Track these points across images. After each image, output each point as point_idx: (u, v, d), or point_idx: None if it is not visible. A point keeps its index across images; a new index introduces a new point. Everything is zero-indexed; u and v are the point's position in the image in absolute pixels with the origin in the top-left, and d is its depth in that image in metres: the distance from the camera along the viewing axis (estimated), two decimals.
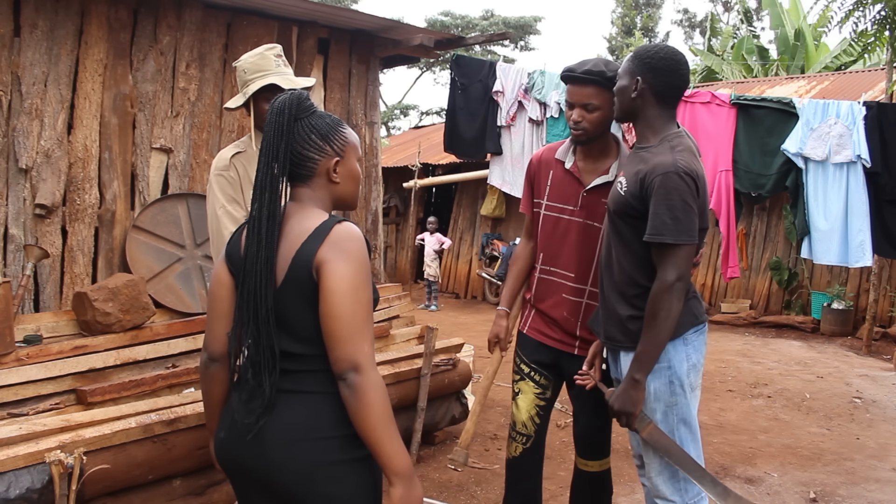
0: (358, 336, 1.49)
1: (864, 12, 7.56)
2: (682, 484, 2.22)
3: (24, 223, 4.01)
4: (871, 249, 5.21)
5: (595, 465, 2.71)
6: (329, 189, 1.66)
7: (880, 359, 7.60)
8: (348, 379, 1.48)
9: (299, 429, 1.53)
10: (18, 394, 3.22)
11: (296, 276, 1.53)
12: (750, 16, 18.94)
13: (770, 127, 5.44)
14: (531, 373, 2.72)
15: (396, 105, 24.30)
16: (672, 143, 2.18)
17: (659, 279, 2.11)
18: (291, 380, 1.55)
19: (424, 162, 12.02)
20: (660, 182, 2.08)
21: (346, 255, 1.52)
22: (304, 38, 5.09)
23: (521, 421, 2.74)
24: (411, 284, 12.56)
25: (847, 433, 4.88)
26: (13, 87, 3.97)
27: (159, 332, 3.84)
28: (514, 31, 22.05)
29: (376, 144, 5.71)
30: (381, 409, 1.48)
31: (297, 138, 1.60)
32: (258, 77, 2.50)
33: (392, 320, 5.03)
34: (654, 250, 2.14)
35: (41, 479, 2.35)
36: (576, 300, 2.62)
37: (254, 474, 1.58)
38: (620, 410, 2.17)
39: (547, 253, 2.67)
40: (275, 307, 1.54)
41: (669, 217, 2.07)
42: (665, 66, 2.19)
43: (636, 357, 2.14)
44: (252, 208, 1.59)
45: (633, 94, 2.21)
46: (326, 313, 1.50)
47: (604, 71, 2.43)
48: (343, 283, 1.50)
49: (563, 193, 2.62)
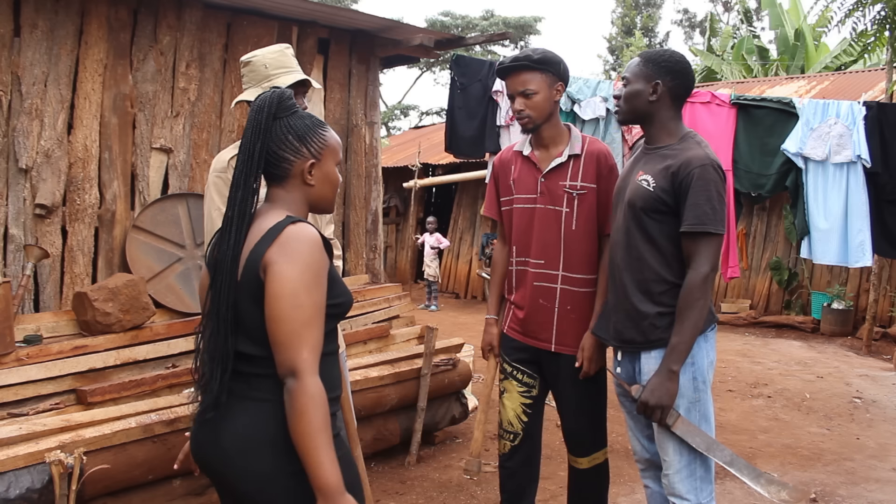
0: (296, 341, 1.46)
1: (863, 13, 7.56)
2: (698, 483, 2.23)
3: (24, 223, 4.01)
4: (872, 249, 5.21)
5: (584, 462, 2.72)
6: (303, 191, 1.63)
7: (880, 359, 7.60)
8: (286, 384, 1.46)
9: (254, 437, 1.52)
10: (18, 394, 3.23)
11: (247, 276, 1.52)
12: (750, 16, 18.94)
13: (770, 127, 5.45)
14: (514, 371, 2.77)
15: (396, 105, 24.30)
16: (696, 140, 2.27)
17: (694, 270, 2.15)
18: (248, 384, 1.54)
19: (424, 162, 12.02)
20: (698, 174, 2.13)
21: (292, 257, 1.49)
22: (304, 38, 5.09)
23: (508, 419, 2.79)
24: (411, 284, 12.56)
25: (847, 433, 4.88)
26: (13, 87, 3.97)
27: (159, 332, 3.84)
28: (514, 31, 22.04)
29: (376, 144, 5.70)
30: (312, 418, 1.43)
31: (273, 138, 1.58)
32: (283, 73, 2.49)
33: (392, 320, 5.03)
34: (687, 242, 2.17)
35: (41, 479, 2.35)
36: (550, 286, 2.65)
37: (219, 477, 1.60)
38: (657, 404, 2.16)
39: (519, 245, 2.73)
40: (233, 306, 1.53)
41: (709, 207, 2.12)
42: (681, 69, 2.28)
43: (672, 349, 2.15)
44: (227, 207, 1.57)
45: (652, 98, 2.26)
46: (268, 316, 1.48)
47: (530, 55, 2.56)
48: (285, 286, 1.47)
49: (527, 184, 2.70)
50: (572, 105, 5.79)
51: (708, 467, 2.26)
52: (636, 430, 2.48)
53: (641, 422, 2.44)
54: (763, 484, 2.26)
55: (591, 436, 2.72)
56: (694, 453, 2.22)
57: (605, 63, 25.90)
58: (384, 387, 3.75)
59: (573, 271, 2.63)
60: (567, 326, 2.64)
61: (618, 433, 4.61)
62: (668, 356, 2.15)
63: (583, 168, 2.61)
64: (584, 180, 2.61)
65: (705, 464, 2.25)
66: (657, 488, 2.48)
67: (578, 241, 2.62)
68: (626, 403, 2.48)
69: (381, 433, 3.78)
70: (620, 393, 2.49)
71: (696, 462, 2.23)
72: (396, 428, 3.85)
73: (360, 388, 3.56)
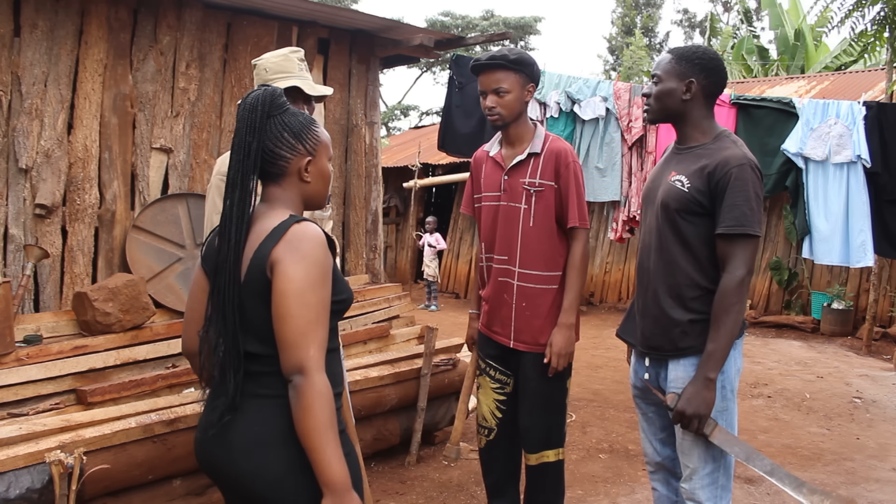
0: (304, 339, 1.46)
1: (863, 13, 7.55)
2: (719, 491, 2.18)
3: (24, 223, 4.01)
4: (873, 249, 5.21)
5: (532, 459, 2.78)
6: (300, 188, 1.64)
7: (880, 359, 7.59)
8: (293, 381, 1.46)
9: (266, 435, 1.52)
10: (18, 394, 3.23)
11: (253, 275, 1.52)
12: (750, 16, 18.94)
13: (770, 127, 5.45)
14: (487, 368, 2.86)
15: (396, 105, 24.28)
16: (732, 139, 2.18)
17: (730, 273, 2.07)
18: (256, 382, 1.54)
19: (424, 162, 12.01)
20: (736, 174, 2.06)
21: (299, 256, 1.50)
22: (304, 38, 5.09)
23: (482, 415, 2.88)
24: (411, 284, 12.56)
25: (847, 433, 4.88)
26: (13, 87, 3.97)
27: (159, 332, 3.84)
28: (514, 31, 22.04)
29: (376, 144, 5.70)
30: (320, 415, 1.44)
31: (269, 136, 1.58)
32: (281, 78, 2.51)
33: (392, 320, 5.03)
34: (723, 244, 2.09)
35: (41, 479, 2.35)
36: (509, 282, 2.73)
37: (226, 478, 1.58)
38: (694, 414, 2.07)
39: (486, 241, 2.82)
40: (239, 306, 1.53)
41: (748, 208, 2.05)
42: (714, 66, 2.20)
43: (708, 356, 2.06)
44: (224, 206, 1.56)
45: (686, 96, 2.19)
46: (275, 314, 1.48)
47: (507, 55, 2.62)
48: (292, 284, 1.48)
49: (492, 182, 2.78)
50: (572, 105, 5.78)
51: (728, 476, 2.21)
52: (650, 434, 2.42)
53: (656, 425, 2.39)
54: (805, 494, 2.16)
55: (543, 434, 2.76)
56: (718, 461, 2.17)
57: (605, 63, 25.90)
58: (384, 387, 3.74)
59: (529, 268, 2.69)
60: (523, 323, 2.70)
61: (617, 433, 4.61)
62: (704, 363, 2.08)
63: (542, 166, 2.68)
64: (542, 178, 2.67)
65: (727, 472, 2.21)
66: (665, 492, 2.44)
67: (536, 238, 2.68)
68: (642, 405, 2.42)
69: (381, 433, 3.78)
70: (637, 395, 2.43)
71: (720, 470, 2.19)
72: (396, 428, 3.85)
73: (360, 388, 3.56)
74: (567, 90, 5.86)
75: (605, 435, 4.60)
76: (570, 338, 2.66)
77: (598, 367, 6.63)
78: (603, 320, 9.67)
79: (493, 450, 2.87)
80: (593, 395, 5.61)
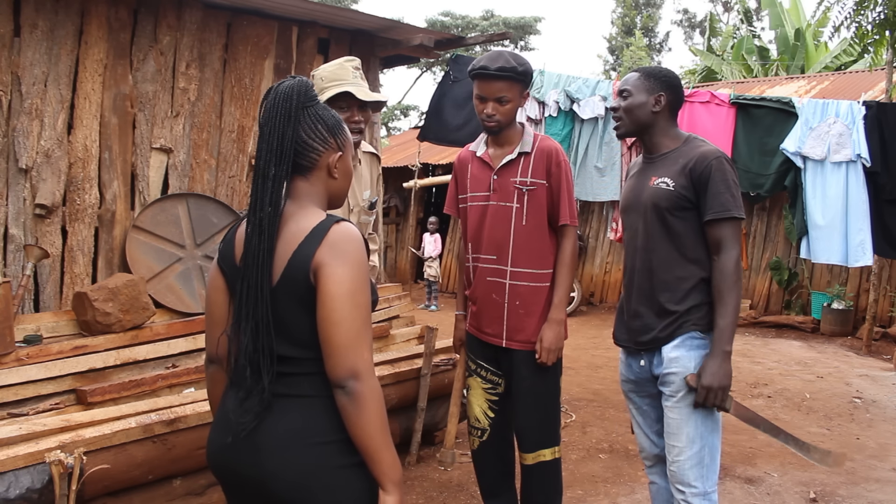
0: (357, 343, 1.43)
1: (864, 15, 7.55)
2: (705, 471, 2.29)
3: (24, 223, 4.01)
4: (872, 249, 5.20)
5: (529, 458, 2.78)
6: (326, 184, 1.59)
7: (880, 359, 7.60)
8: (347, 387, 1.42)
9: (294, 434, 1.47)
10: (18, 394, 3.23)
11: (292, 277, 1.46)
12: (750, 16, 18.93)
13: (769, 126, 5.45)
14: (478, 369, 2.86)
15: (396, 105, 24.27)
16: (700, 139, 2.42)
17: (726, 253, 2.26)
18: (284, 383, 1.49)
19: (424, 162, 12.02)
20: (716, 165, 2.27)
21: (345, 258, 1.45)
22: (304, 38, 5.09)
23: (474, 416, 2.88)
24: (411, 284, 12.57)
25: (847, 433, 4.88)
26: (13, 87, 3.97)
27: (159, 332, 3.84)
28: (514, 31, 22.05)
29: (376, 144, 5.70)
30: (380, 418, 1.44)
31: (304, 126, 1.53)
32: (334, 85, 2.54)
33: (392, 320, 5.03)
34: (713, 230, 2.27)
35: (41, 479, 2.35)
36: (500, 281, 2.72)
37: (248, 481, 1.52)
38: (720, 386, 2.22)
39: (473, 242, 2.82)
40: (273, 306, 1.47)
41: (730, 195, 2.26)
42: (677, 84, 2.44)
43: (720, 332, 2.23)
44: (252, 197, 1.50)
45: (656, 108, 2.39)
46: (325, 318, 1.43)
47: (515, 67, 2.62)
48: (342, 287, 1.43)
49: (480, 182, 2.78)
50: (572, 104, 5.78)
51: (714, 457, 2.31)
52: (645, 426, 2.51)
53: (651, 417, 2.48)
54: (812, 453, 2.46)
55: (538, 433, 2.76)
56: (704, 441, 2.27)
57: (605, 63, 25.90)
58: (384, 387, 3.74)
59: (522, 266, 2.70)
60: (517, 322, 2.70)
61: (617, 433, 4.61)
62: (718, 339, 2.24)
63: (533, 164, 2.69)
64: (533, 176, 2.69)
65: (712, 453, 2.30)
66: (664, 483, 2.51)
67: (528, 237, 2.69)
68: (636, 399, 2.51)
69: None
70: (630, 389, 2.52)
71: (706, 450, 2.29)
72: (396, 428, 3.85)
73: None
74: (566, 89, 5.86)
75: (605, 435, 4.61)
76: (559, 333, 2.68)
77: (598, 367, 6.63)
78: (603, 320, 9.68)
79: (486, 450, 2.88)
80: (593, 395, 5.61)
